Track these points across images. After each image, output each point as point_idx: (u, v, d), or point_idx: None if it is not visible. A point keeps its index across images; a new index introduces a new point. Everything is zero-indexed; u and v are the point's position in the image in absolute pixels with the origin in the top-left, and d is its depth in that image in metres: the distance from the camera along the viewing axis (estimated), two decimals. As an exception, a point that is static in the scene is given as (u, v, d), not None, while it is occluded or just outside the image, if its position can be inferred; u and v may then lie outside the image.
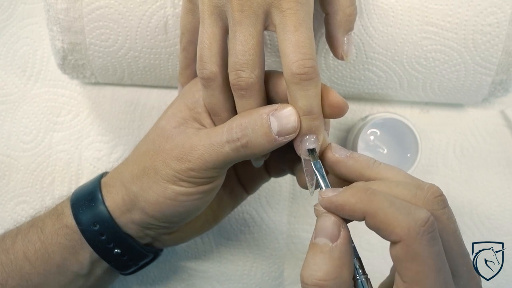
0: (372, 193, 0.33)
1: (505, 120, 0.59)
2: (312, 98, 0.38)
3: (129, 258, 0.46)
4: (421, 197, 0.34)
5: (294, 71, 0.37)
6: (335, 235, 0.34)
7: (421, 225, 0.32)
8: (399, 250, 0.32)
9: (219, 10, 0.39)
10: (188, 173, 0.41)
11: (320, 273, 0.33)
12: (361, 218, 0.34)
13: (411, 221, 0.32)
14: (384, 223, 0.32)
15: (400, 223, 0.32)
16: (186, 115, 0.43)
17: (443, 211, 0.34)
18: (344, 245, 0.34)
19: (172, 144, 0.42)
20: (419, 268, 0.32)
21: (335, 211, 0.35)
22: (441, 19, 0.48)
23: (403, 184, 0.35)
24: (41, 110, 0.59)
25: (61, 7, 0.48)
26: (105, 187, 0.45)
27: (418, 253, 0.32)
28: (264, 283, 0.59)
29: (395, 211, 0.32)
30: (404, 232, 0.32)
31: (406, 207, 0.33)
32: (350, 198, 0.34)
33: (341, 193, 0.34)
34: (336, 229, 0.34)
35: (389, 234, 0.32)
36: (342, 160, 0.39)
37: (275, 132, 0.38)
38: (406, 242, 0.32)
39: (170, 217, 0.44)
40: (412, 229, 0.32)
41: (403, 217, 0.32)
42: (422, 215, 0.32)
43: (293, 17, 0.37)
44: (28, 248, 0.45)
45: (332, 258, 0.33)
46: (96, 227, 0.44)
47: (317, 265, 0.33)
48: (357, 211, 0.33)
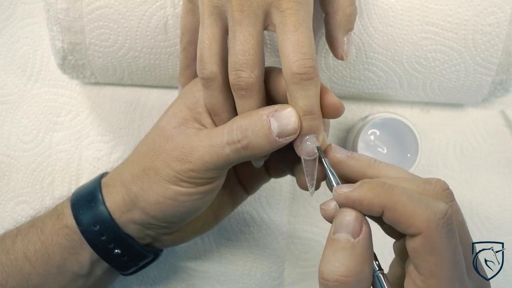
0: (389, 187, 0.33)
1: (505, 120, 0.59)
2: (312, 98, 0.38)
3: (129, 259, 0.46)
4: (430, 191, 0.34)
5: (294, 71, 0.37)
6: (357, 231, 0.33)
7: (440, 218, 0.32)
8: (418, 243, 0.32)
9: (219, 10, 0.39)
10: (188, 173, 0.41)
11: (342, 269, 0.32)
12: (379, 212, 0.33)
13: (431, 214, 0.32)
14: (404, 216, 0.32)
15: (420, 216, 0.32)
16: (186, 115, 0.43)
17: (452, 204, 0.35)
18: (366, 240, 0.34)
19: (173, 144, 0.42)
20: (437, 260, 0.32)
21: (352, 207, 0.34)
22: (441, 19, 0.48)
23: (410, 179, 0.36)
24: (41, 110, 0.59)
25: (61, 7, 0.48)
26: (105, 188, 0.45)
27: (437, 245, 0.32)
28: (264, 283, 0.59)
29: (414, 204, 0.32)
30: (424, 225, 0.32)
31: (424, 200, 0.33)
32: (368, 192, 0.33)
33: (358, 188, 0.34)
34: (358, 224, 0.34)
35: (408, 227, 0.32)
36: (343, 160, 0.39)
37: (276, 134, 0.38)
38: (426, 234, 0.32)
39: (170, 217, 0.44)
40: (432, 221, 0.32)
41: (423, 210, 0.32)
42: (441, 207, 0.32)
43: (293, 17, 0.37)
44: (28, 248, 0.45)
45: (354, 254, 0.33)
46: (96, 228, 0.44)
47: (339, 261, 0.33)
48: (376, 205, 0.33)
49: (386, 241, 0.38)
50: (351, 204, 0.34)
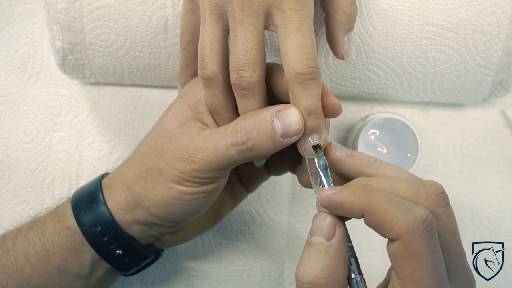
0: (370, 190, 0.33)
1: (505, 120, 0.59)
2: (315, 97, 0.38)
3: (130, 259, 0.46)
4: (423, 194, 0.34)
5: (298, 71, 0.37)
6: (331, 234, 0.35)
7: (419, 223, 0.32)
8: (397, 248, 0.32)
9: (219, 10, 0.39)
10: (193, 173, 0.41)
11: (315, 271, 0.33)
12: (360, 215, 0.34)
13: (410, 219, 0.32)
14: (383, 221, 0.32)
15: (399, 221, 0.32)
16: (188, 115, 0.43)
17: (444, 209, 0.34)
18: (339, 243, 0.34)
19: (176, 144, 0.42)
20: (416, 266, 0.32)
21: (334, 209, 0.35)
22: (441, 19, 0.48)
23: (405, 180, 0.36)
24: (41, 110, 0.59)
25: (61, 6, 0.48)
26: (107, 188, 0.45)
27: (416, 251, 0.32)
28: (264, 283, 0.59)
29: (394, 208, 0.32)
30: (402, 230, 0.32)
31: (405, 204, 0.33)
32: (349, 195, 0.34)
33: (340, 191, 0.35)
34: (331, 228, 0.35)
35: (387, 232, 0.32)
36: (342, 158, 0.39)
37: (280, 134, 0.38)
38: (404, 239, 0.32)
39: (175, 217, 0.44)
40: (411, 227, 0.32)
41: (402, 214, 0.32)
42: (421, 213, 0.32)
43: (295, 18, 0.37)
44: (28, 249, 0.45)
45: (328, 256, 0.34)
46: (98, 228, 0.44)
47: (313, 263, 0.34)
48: (356, 208, 0.34)
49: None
50: (333, 207, 0.35)
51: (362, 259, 0.58)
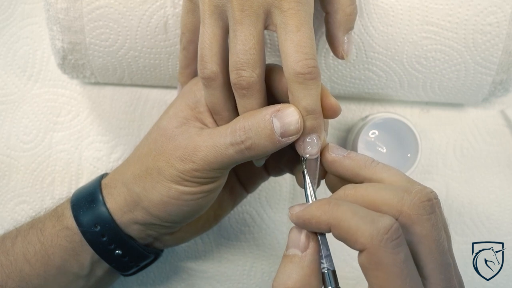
0: (335, 204, 0.34)
1: (505, 120, 0.59)
2: (314, 97, 0.38)
3: (130, 259, 0.46)
4: (407, 201, 0.34)
5: (298, 71, 0.37)
6: (305, 246, 0.36)
7: (383, 233, 0.32)
8: (364, 258, 0.33)
9: (219, 10, 0.39)
10: (192, 173, 0.41)
11: (290, 282, 0.35)
12: (327, 229, 0.35)
13: (374, 230, 0.32)
14: (348, 233, 0.33)
15: (363, 232, 0.32)
16: (187, 114, 0.43)
17: (428, 217, 0.34)
18: (312, 254, 0.36)
19: (175, 144, 0.42)
20: (384, 275, 0.32)
21: (304, 226, 0.36)
22: (441, 19, 0.48)
23: (391, 187, 0.36)
24: (41, 110, 0.59)
25: (61, 6, 0.48)
26: (106, 189, 0.45)
27: (382, 260, 0.32)
28: (264, 283, 0.59)
29: (357, 220, 0.33)
30: (367, 241, 0.32)
31: (369, 215, 0.33)
32: (315, 211, 0.35)
33: (307, 208, 0.36)
34: (305, 240, 0.36)
35: (353, 244, 0.33)
36: (338, 159, 0.39)
37: (279, 134, 0.38)
38: (370, 250, 0.32)
39: (174, 217, 0.44)
40: (375, 237, 0.32)
41: (366, 226, 0.32)
42: (385, 222, 0.32)
43: (295, 17, 0.37)
44: (28, 249, 0.45)
45: (301, 267, 0.35)
46: (97, 229, 0.44)
47: (287, 274, 0.35)
48: (323, 223, 0.34)
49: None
50: (302, 223, 0.36)
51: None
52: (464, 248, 0.57)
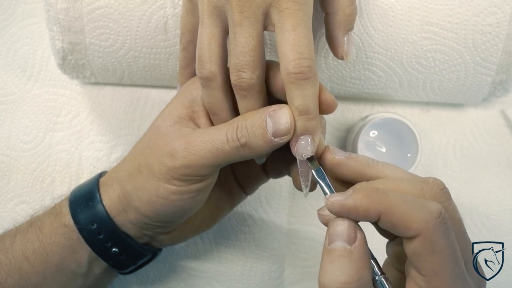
0: (383, 192, 0.34)
1: (505, 120, 0.58)
2: (308, 98, 0.38)
3: (127, 257, 0.46)
4: (427, 191, 0.35)
5: (290, 70, 0.37)
6: (353, 238, 0.34)
7: (436, 217, 0.32)
8: (418, 244, 0.33)
9: (218, 10, 0.39)
10: (182, 170, 0.40)
11: (343, 277, 0.33)
12: (375, 218, 0.33)
13: (427, 215, 0.32)
14: (401, 220, 0.33)
15: (417, 218, 0.32)
16: (181, 113, 0.43)
17: (449, 203, 0.35)
18: (362, 246, 0.34)
19: (166, 140, 0.42)
20: (439, 259, 0.32)
21: (347, 214, 0.34)
22: (441, 19, 0.48)
23: (407, 180, 0.36)
24: (41, 110, 0.59)
25: (61, 6, 0.48)
26: (103, 186, 0.45)
27: (437, 244, 0.32)
28: (264, 283, 0.59)
29: (410, 206, 0.33)
30: (422, 226, 0.32)
31: (418, 201, 0.33)
32: (363, 199, 0.33)
33: (352, 196, 0.34)
34: (352, 231, 0.34)
35: (406, 230, 0.33)
36: (342, 161, 0.39)
37: (271, 133, 0.38)
38: (425, 235, 0.32)
39: (163, 217, 0.44)
40: (429, 221, 0.32)
41: (419, 211, 0.32)
42: (436, 207, 0.33)
43: (291, 17, 0.37)
44: (27, 247, 0.45)
45: (353, 260, 0.33)
46: (94, 226, 0.44)
47: (338, 270, 0.33)
48: (372, 211, 0.33)
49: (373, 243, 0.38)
50: (346, 212, 0.34)
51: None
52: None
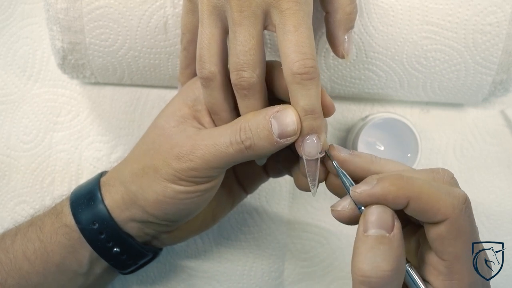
0: (409, 178, 0.34)
1: (505, 120, 0.58)
2: (313, 97, 0.38)
3: (128, 257, 0.46)
4: (439, 180, 0.36)
5: (295, 71, 0.37)
6: (391, 226, 0.34)
7: (462, 202, 0.33)
8: (444, 229, 0.33)
9: (218, 10, 0.39)
10: (189, 172, 0.41)
11: (385, 264, 0.33)
12: (404, 204, 0.34)
13: (454, 199, 0.33)
14: (430, 204, 0.33)
15: (445, 202, 0.33)
16: (185, 113, 0.43)
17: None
18: (400, 234, 0.34)
19: (172, 143, 0.42)
20: (463, 243, 0.33)
21: (376, 203, 0.34)
22: (441, 19, 0.48)
23: (417, 171, 0.37)
24: (41, 110, 0.59)
25: (61, 6, 0.48)
26: (104, 186, 0.45)
27: (463, 229, 0.33)
28: (264, 283, 0.59)
29: (437, 191, 0.33)
30: (449, 211, 0.33)
31: (443, 187, 0.34)
32: (391, 186, 0.34)
33: (380, 184, 0.34)
34: (390, 219, 0.34)
35: (434, 215, 0.33)
36: (348, 158, 0.39)
37: (276, 135, 0.38)
38: (452, 219, 0.33)
39: (170, 216, 0.44)
40: (456, 206, 0.33)
41: (446, 196, 0.33)
42: (462, 192, 0.34)
43: (293, 17, 0.37)
44: (27, 247, 0.45)
45: (393, 248, 0.33)
46: (95, 226, 0.44)
47: (380, 257, 0.33)
48: (401, 197, 0.34)
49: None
50: (375, 200, 0.34)
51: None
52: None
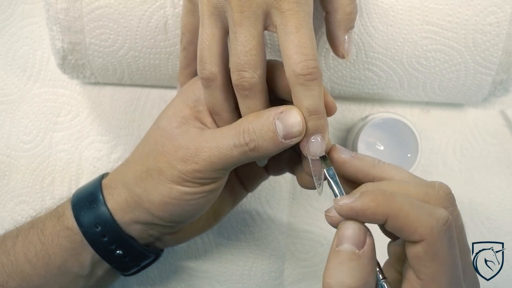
0: (391, 195, 0.34)
1: (505, 120, 0.58)
2: (316, 97, 0.38)
3: (131, 259, 0.46)
4: (432, 195, 0.35)
5: (298, 72, 0.37)
6: (362, 242, 0.34)
7: (442, 224, 0.33)
8: (421, 249, 0.33)
9: (218, 10, 0.39)
10: (194, 174, 0.41)
11: (350, 281, 0.33)
12: (382, 221, 0.34)
13: (433, 221, 0.32)
14: (407, 224, 0.33)
15: (423, 223, 0.32)
16: (187, 114, 0.43)
17: (454, 209, 0.35)
18: (371, 251, 0.34)
19: (176, 144, 0.42)
20: (439, 266, 0.33)
21: (356, 217, 0.34)
22: (441, 19, 0.48)
23: (413, 183, 0.36)
24: (41, 110, 0.59)
25: (61, 6, 0.48)
26: (106, 189, 0.45)
27: (439, 251, 0.32)
28: (264, 283, 0.59)
29: (416, 211, 0.33)
30: (427, 232, 0.32)
31: (425, 207, 0.33)
32: (371, 202, 0.34)
33: (360, 199, 0.34)
34: (362, 235, 0.34)
35: (411, 234, 0.33)
36: (348, 160, 0.39)
37: (281, 136, 0.38)
38: (429, 241, 0.32)
39: (176, 217, 0.44)
40: (435, 228, 0.32)
41: (425, 216, 0.33)
42: (443, 214, 0.33)
43: (294, 18, 0.37)
44: (29, 249, 0.45)
45: (361, 265, 0.33)
46: (98, 229, 0.44)
47: (346, 272, 0.33)
48: (380, 214, 0.33)
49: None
50: (355, 214, 0.34)
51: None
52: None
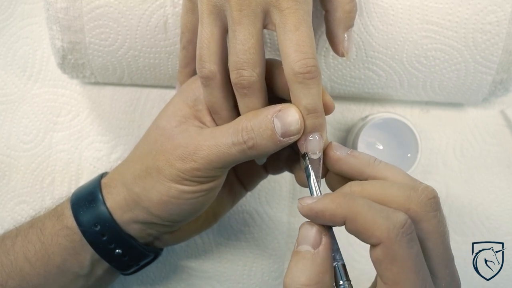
0: (351, 198, 0.34)
1: (505, 120, 0.58)
2: (315, 96, 0.38)
3: (130, 259, 0.46)
4: (414, 198, 0.35)
5: (297, 71, 0.37)
6: (317, 242, 0.35)
7: (399, 228, 0.33)
8: (379, 252, 0.33)
9: (217, 9, 0.39)
10: (193, 172, 0.41)
11: (303, 279, 0.34)
12: (341, 223, 0.34)
13: (390, 224, 0.33)
14: (364, 227, 0.33)
15: (380, 226, 0.33)
16: (186, 113, 0.43)
17: (435, 214, 0.35)
18: (325, 251, 0.35)
19: (175, 143, 0.42)
20: (399, 269, 0.33)
21: (315, 218, 0.36)
22: (441, 18, 0.48)
23: (397, 185, 0.36)
24: (41, 110, 0.59)
25: (60, 6, 0.48)
26: (106, 188, 0.45)
27: (398, 254, 0.33)
28: (264, 283, 0.59)
29: (374, 214, 0.33)
30: (383, 235, 0.33)
31: (384, 210, 0.34)
32: (330, 204, 0.35)
33: (321, 200, 0.35)
34: (318, 236, 0.35)
35: (369, 237, 0.33)
36: (343, 158, 0.39)
37: (280, 134, 0.38)
38: (386, 244, 0.33)
39: (175, 216, 0.44)
40: (391, 231, 0.33)
41: (382, 220, 0.33)
42: (400, 217, 0.33)
43: (293, 17, 0.37)
44: (28, 249, 0.45)
45: (315, 264, 0.35)
46: (97, 228, 0.44)
47: (300, 271, 0.34)
48: (338, 216, 0.34)
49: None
50: (315, 215, 0.35)
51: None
52: (464, 248, 0.57)
